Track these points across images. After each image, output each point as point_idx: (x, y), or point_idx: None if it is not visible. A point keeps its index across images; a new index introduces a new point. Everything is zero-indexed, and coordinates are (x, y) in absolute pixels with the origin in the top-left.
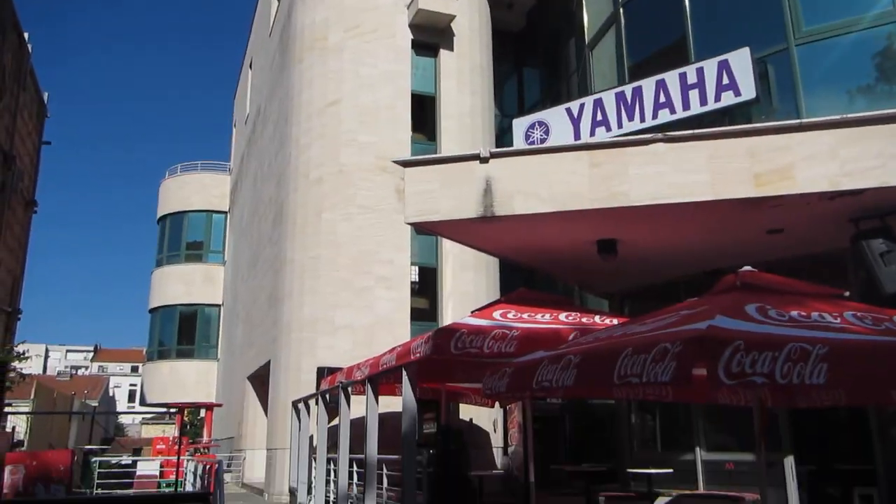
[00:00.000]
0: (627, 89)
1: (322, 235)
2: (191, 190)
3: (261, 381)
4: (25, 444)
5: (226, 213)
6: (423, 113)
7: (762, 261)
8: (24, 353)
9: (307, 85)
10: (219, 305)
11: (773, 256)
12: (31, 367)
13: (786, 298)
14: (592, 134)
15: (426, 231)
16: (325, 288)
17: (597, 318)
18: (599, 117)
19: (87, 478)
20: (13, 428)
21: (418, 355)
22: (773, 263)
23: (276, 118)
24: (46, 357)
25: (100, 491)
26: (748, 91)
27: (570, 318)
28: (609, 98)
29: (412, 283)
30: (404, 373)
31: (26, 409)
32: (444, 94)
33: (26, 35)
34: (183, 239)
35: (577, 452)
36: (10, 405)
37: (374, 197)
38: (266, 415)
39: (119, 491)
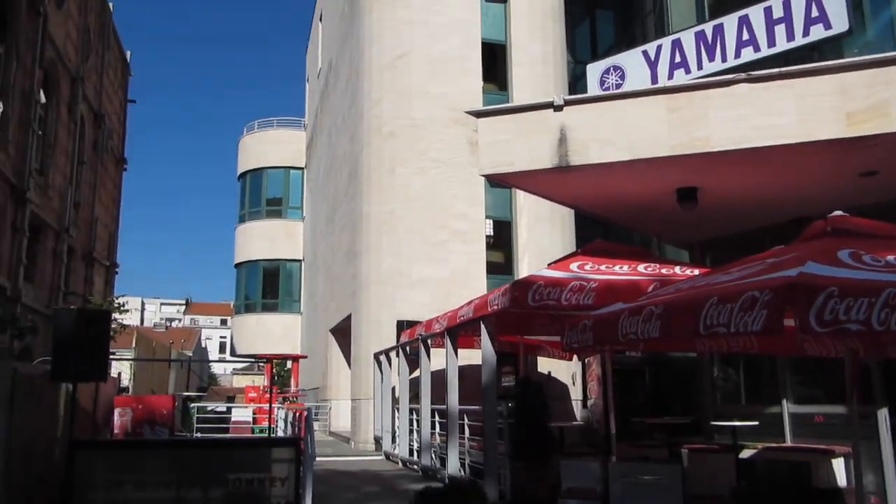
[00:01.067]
0: (708, 28)
1: (396, 190)
2: (268, 146)
3: (343, 333)
4: (130, 389)
5: (302, 168)
6: (494, 62)
7: (853, 206)
8: (123, 305)
9: (377, 37)
10: (299, 260)
11: (866, 201)
12: (130, 318)
13: (881, 243)
14: (671, 77)
15: (500, 183)
16: (402, 242)
17: (677, 269)
18: (678, 59)
19: (186, 422)
20: (118, 374)
21: (496, 308)
22: (866, 208)
23: (347, 72)
24: (143, 310)
25: (199, 434)
26: (840, 23)
27: (649, 269)
28: (688, 38)
29: (487, 236)
30: (482, 325)
31: (129, 357)
32: (515, 41)
33: None
34: (263, 195)
35: (657, 406)
36: (113, 353)
37: (447, 150)
38: (349, 366)
39: (218, 435)
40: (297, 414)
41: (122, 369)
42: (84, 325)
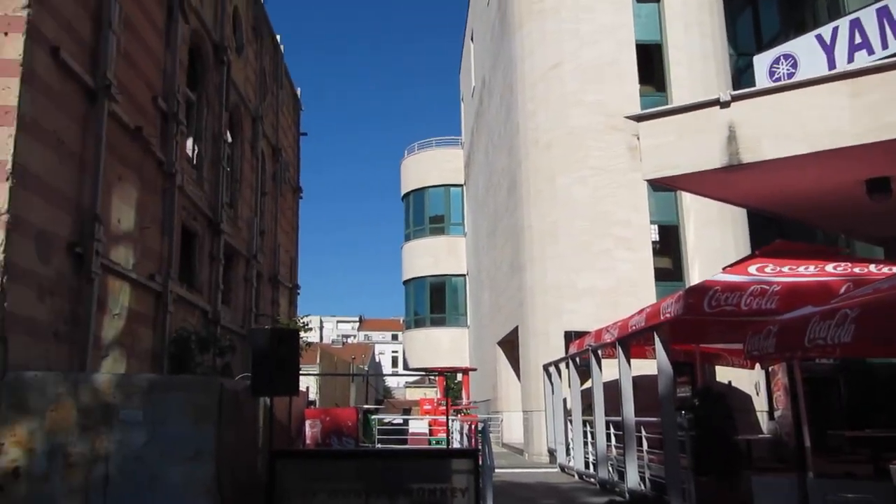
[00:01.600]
0: (892, 3)
1: (557, 200)
2: (428, 166)
3: (510, 345)
4: (317, 402)
5: (462, 185)
6: (650, 63)
7: None
8: (307, 324)
9: (528, 51)
10: (464, 275)
11: None
12: (312, 336)
13: None
14: (850, 60)
15: (665, 186)
16: (565, 252)
17: (872, 268)
18: (858, 40)
19: (368, 433)
20: (307, 388)
21: (669, 315)
22: None
23: (500, 88)
24: (321, 327)
25: (380, 445)
26: None
27: (840, 268)
28: (869, 16)
29: (653, 242)
30: (656, 334)
31: (315, 372)
32: (671, 39)
33: (278, 37)
34: (426, 214)
35: (854, 417)
36: (301, 369)
37: (606, 157)
38: (518, 378)
39: (397, 445)
40: (472, 425)
41: (309, 384)
42: (276, 343)
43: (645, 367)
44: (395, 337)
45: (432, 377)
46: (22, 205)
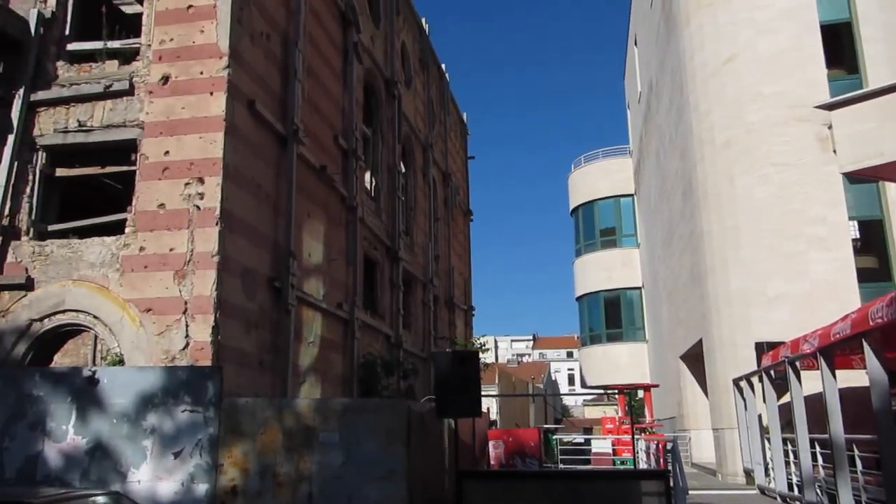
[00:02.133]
0: None
1: (738, 202)
2: (596, 178)
3: (694, 359)
4: (498, 423)
5: (632, 195)
6: (838, 44)
7: None
8: (484, 345)
9: (698, 47)
10: (639, 288)
11: None
12: (488, 356)
13: None
14: None
15: (866, 178)
16: (750, 257)
17: None
18: None
19: (549, 453)
20: (487, 409)
21: (881, 321)
22: None
23: (669, 89)
24: (496, 347)
25: (562, 465)
26: None
27: None
28: None
29: (853, 240)
30: (865, 342)
31: (494, 393)
32: (863, 14)
33: (443, 66)
34: (596, 227)
35: None
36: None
37: (792, 151)
38: (706, 394)
39: (581, 466)
40: (658, 445)
41: (489, 404)
42: (458, 365)
43: (851, 378)
44: (570, 354)
45: (612, 395)
46: (229, 246)
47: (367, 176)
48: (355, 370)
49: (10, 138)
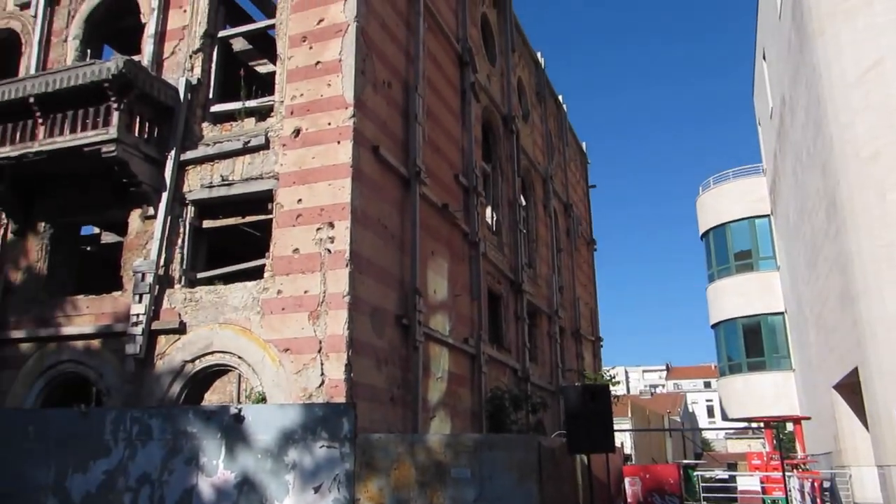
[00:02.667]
0: None
1: (890, 219)
2: (728, 200)
3: (850, 389)
4: (633, 458)
5: (768, 216)
6: None
7: None
8: (614, 377)
9: (835, 56)
10: (781, 313)
11: None
12: (619, 388)
13: None
14: None
15: None
16: None
17: None
18: None
19: (690, 490)
20: (621, 444)
21: None
22: None
23: (805, 103)
24: (627, 379)
25: None
26: None
27: None
28: None
29: None
30: None
31: (628, 427)
32: None
33: (560, 97)
34: (729, 250)
35: None
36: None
37: None
38: (866, 426)
39: None
40: (814, 483)
41: (623, 439)
42: (589, 399)
43: None
44: (707, 384)
45: (757, 428)
46: (358, 287)
47: (488, 211)
48: (483, 404)
49: (164, 195)
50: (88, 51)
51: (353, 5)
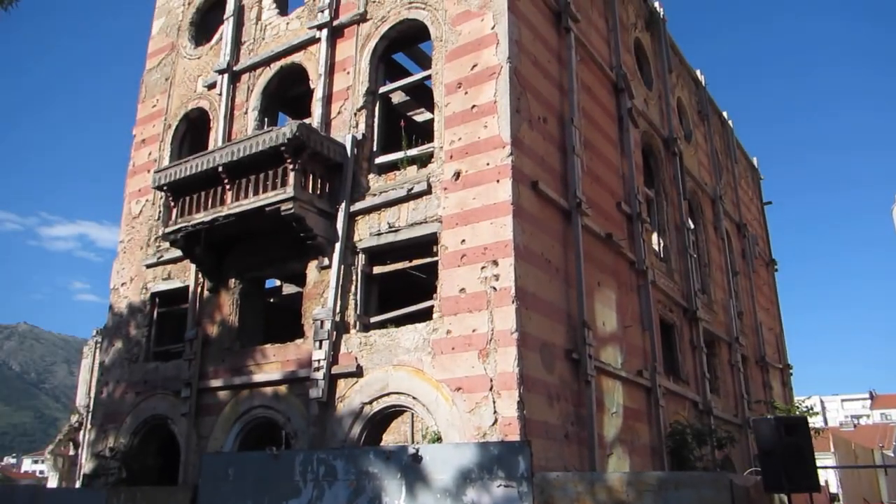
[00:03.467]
0: None
1: None
2: None
3: None
4: (840, 498)
5: None
6: None
7: None
8: (811, 408)
9: None
10: None
11: None
12: (816, 420)
13: None
14: None
15: None
16: None
17: None
18: None
19: None
20: (825, 482)
21: None
22: None
23: None
24: (823, 409)
25: None
26: None
27: None
28: None
29: None
30: None
31: (832, 463)
32: None
33: (724, 114)
34: None
35: None
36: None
37: None
38: None
39: None
40: None
41: (826, 476)
42: (784, 432)
43: None
44: None
45: None
46: (526, 323)
47: (654, 237)
48: (664, 440)
49: (337, 246)
50: (265, 119)
51: (504, 47)
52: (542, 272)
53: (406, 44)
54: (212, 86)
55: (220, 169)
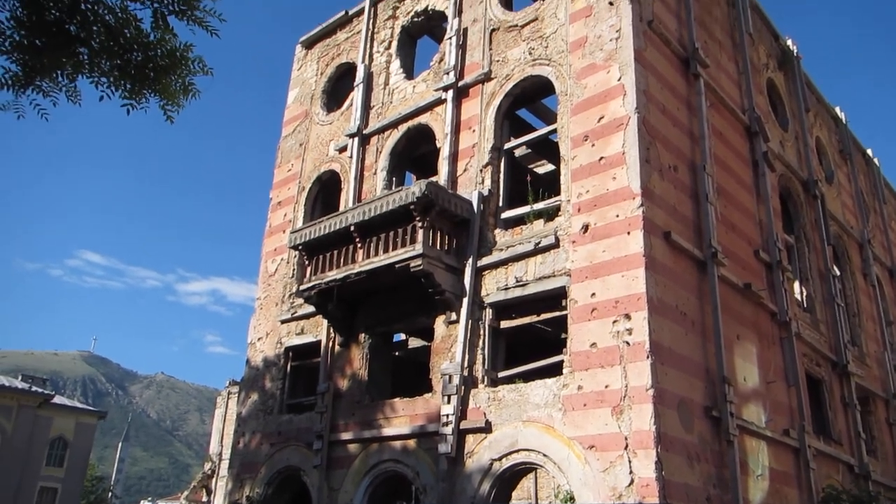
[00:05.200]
0: None
1: None
2: None
3: None
4: None
5: None
6: None
7: None
8: None
9: None
10: None
11: None
12: None
13: None
14: None
15: None
16: None
17: None
18: None
19: None
20: None
21: None
22: None
23: None
24: None
25: None
26: None
27: None
28: None
29: None
30: None
31: None
32: None
33: (869, 151)
34: None
35: None
36: None
37: None
38: None
39: None
40: None
41: None
42: None
43: None
44: None
45: None
46: (662, 378)
47: (796, 286)
48: None
49: (465, 300)
50: (393, 178)
51: (632, 98)
52: (677, 325)
53: (529, 99)
54: (343, 149)
55: (352, 228)
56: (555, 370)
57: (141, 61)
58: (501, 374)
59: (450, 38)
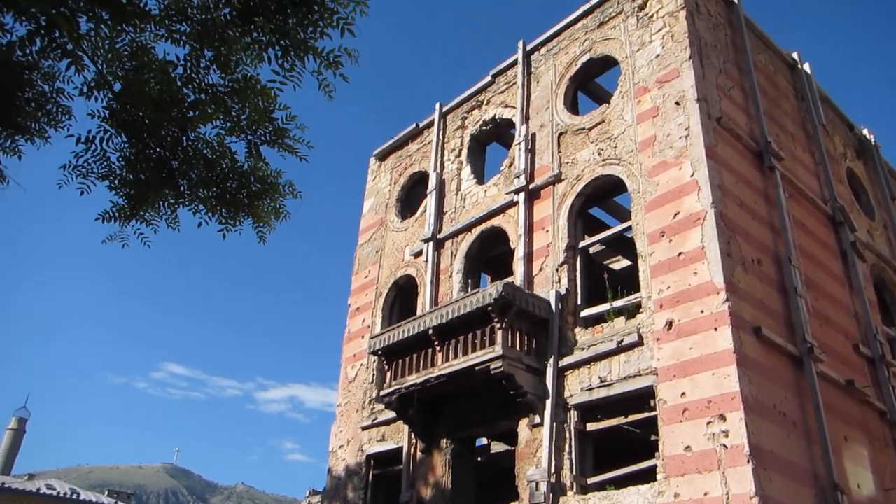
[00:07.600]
0: None
1: None
2: None
3: None
4: None
5: None
6: None
7: None
8: None
9: None
10: None
11: None
12: None
13: None
14: None
15: None
16: None
17: None
18: None
19: None
20: None
21: None
22: None
23: None
24: None
25: None
26: None
27: None
28: None
29: None
30: None
31: None
32: None
33: None
34: None
35: None
36: None
37: None
38: None
39: None
40: None
41: None
42: None
43: None
44: None
45: None
46: (765, 485)
47: None
48: None
49: (548, 402)
50: (469, 280)
51: (707, 193)
52: (777, 427)
53: (601, 198)
54: (418, 254)
55: (431, 332)
56: (647, 475)
57: (236, 188)
58: (591, 481)
59: (518, 143)
